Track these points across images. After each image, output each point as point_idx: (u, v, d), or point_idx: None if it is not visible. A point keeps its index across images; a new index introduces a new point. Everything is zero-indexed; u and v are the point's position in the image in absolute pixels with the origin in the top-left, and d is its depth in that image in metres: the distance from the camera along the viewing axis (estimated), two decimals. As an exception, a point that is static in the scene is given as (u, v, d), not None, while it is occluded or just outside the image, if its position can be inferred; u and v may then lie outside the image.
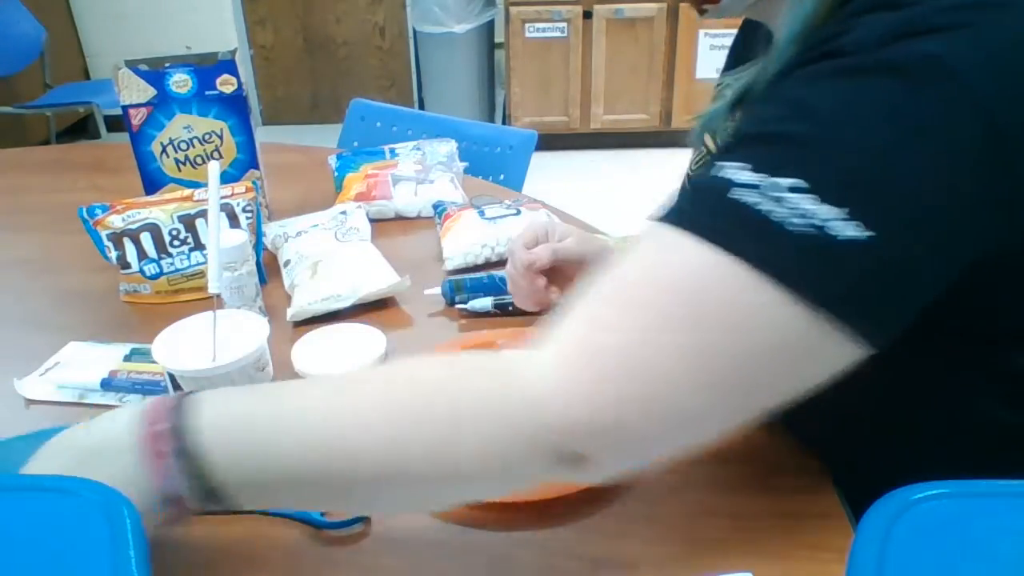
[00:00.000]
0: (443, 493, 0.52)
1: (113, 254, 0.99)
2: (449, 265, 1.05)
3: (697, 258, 0.45)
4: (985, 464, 0.44)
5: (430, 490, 0.51)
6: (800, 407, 0.47)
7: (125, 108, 1.07)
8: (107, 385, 0.82)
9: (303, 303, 0.93)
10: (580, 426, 0.46)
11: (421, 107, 4.12)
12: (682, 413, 0.46)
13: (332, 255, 1.01)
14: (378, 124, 1.60)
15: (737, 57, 0.78)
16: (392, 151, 1.32)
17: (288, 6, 4.05)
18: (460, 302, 0.95)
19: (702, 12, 0.64)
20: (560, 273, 0.83)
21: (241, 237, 0.87)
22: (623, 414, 0.45)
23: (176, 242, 0.99)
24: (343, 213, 1.12)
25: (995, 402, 0.57)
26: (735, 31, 0.80)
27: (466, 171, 1.33)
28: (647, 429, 0.46)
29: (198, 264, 1.00)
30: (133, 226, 0.98)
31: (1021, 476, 0.40)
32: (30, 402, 0.82)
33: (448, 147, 1.33)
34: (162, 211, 0.99)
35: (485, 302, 0.94)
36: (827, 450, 0.67)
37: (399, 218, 1.21)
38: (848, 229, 0.42)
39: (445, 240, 1.06)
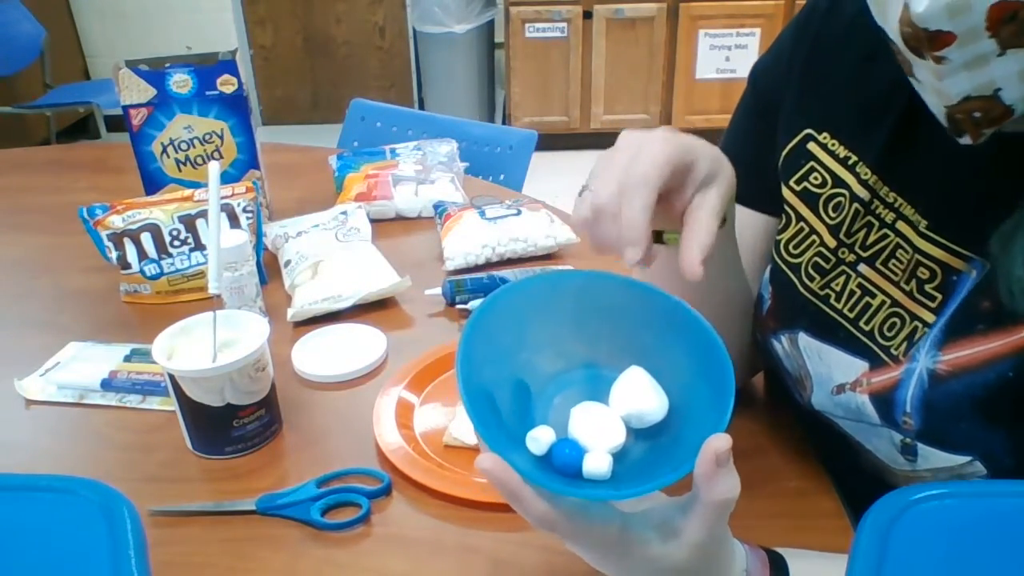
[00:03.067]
0: None
1: (113, 254, 0.99)
2: (450, 265, 1.05)
3: None
4: None
5: None
6: None
7: (125, 108, 1.07)
8: (107, 385, 0.82)
9: (303, 303, 0.93)
10: None
11: (421, 107, 4.12)
12: None
13: (333, 255, 1.01)
14: (378, 124, 1.60)
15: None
16: (393, 151, 1.32)
17: (288, 6, 4.05)
18: (461, 302, 0.95)
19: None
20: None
21: (241, 237, 0.87)
22: None
23: (176, 242, 0.99)
24: (344, 213, 1.12)
25: None
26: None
27: (466, 171, 1.33)
28: None
29: (198, 264, 1.00)
30: (133, 226, 0.98)
31: None
32: (30, 402, 0.83)
33: (449, 147, 1.33)
34: (162, 211, 0.99)
35: (485, 302, 0.94)
36: None
37: (400, 218, 1.21)
38: None
39: (446, 240, 1.06)
